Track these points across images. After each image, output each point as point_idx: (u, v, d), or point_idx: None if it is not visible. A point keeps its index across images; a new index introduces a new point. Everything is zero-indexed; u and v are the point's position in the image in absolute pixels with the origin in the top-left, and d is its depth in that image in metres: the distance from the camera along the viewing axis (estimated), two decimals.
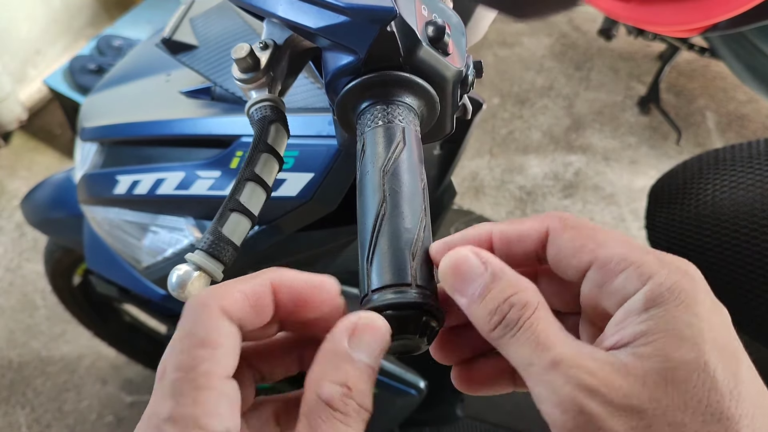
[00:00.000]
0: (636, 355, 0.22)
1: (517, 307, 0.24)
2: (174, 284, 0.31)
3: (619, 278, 0.24)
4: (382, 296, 0.27)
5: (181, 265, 0.32)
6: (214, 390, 0.23)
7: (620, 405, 0.21)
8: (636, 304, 0.23)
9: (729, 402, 0.21)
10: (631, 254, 0.24)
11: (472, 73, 0.38)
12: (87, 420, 1.45)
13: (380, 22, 0.32)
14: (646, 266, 0.23)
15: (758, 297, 0.70)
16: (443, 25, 0.34)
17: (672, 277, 0.23)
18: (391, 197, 0.30)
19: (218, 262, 0.33)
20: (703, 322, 0.22)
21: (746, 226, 0.71)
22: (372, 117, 0.33)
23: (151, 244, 0.72)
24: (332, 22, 0.34)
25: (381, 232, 0.29)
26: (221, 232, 0.34)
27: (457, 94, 0.37)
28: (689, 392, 0.21)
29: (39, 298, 1.64)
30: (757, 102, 2.06)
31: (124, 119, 0.73)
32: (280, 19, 0.37)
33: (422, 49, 0.34)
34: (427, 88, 0.35)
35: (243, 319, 0.25)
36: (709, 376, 0.21)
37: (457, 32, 0.37)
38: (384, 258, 0.28)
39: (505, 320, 0.24)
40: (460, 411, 0.97)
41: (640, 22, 1.54)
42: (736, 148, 0.80)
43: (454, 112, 0.39)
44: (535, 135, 2.02)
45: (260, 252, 0.68)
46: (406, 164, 0.31)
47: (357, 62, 0.34)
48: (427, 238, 0.29)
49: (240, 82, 0.39)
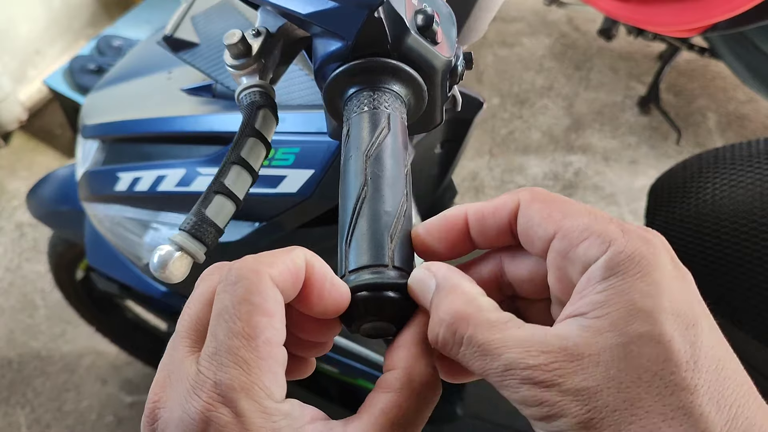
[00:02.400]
0: (591, 330, 0.22)
1: (447, 322, 0.24)
2: (155, 264, 0.31)
3: (582, 246, 0.24)
4: (358, 276, 0.27)
5: (163, 245, 0.32)
6: (276, 359, 0.24)
7: (576, 390, 0.21)
8: (596, 272, 0.23)
9: (685, 373, 0.21)
10: (594, 223, 0.24)
11: (462, 63, 0.38)
12: (87, 420, 1.45)
13: (368, 8, 0.33)
14: (607, 234, 0.23)
15: (758, 295, 0.70)
16: (432, 14, 0.35)
17: (632, 245, 0.23)
18: (372, 181, 0.30)
19: (201, 243, 0.33)
20: (661, 290, 0.22)
21: (746, 224, 0.71)
22: (358, 102, 0.34)
23: (152, 241, 0.72)
24: (321, 7, 0.34)
25: (361, 214, 0.29)
26: (205, 214, 0.34)
27: (446, 84, 0.37)
28: (643, 366, 0.21)
29: (39, 298, 1.64)
30: (757, 102, 2.07)
31: (126, 116, 0.73)
32: (272, 5, 0.37)
33: (410, 36, 0.34)
34: (414, 76, 0.35)
35: (285, 291, 0.25)
36: (664, 348, 0.21)
37: (447, 22, 0.38)
38: (362, 239, 0.28)
39: (442, 339, 0.25)
40: (460, 410, 0.97)
41: (640, 22, 1.55)
42: (735, 148, 0.80)
43: (443, 103, 0.39)
44: (535, 135, 2.02)
45: (260, 248, 0.68)
46: (389, 150, 0.31)
47: (345, 48, 0.34)
48: (407, 222, 0.29)
49: (231, 68, 0.40)
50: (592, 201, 1.84)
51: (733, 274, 0.72)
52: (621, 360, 0.21)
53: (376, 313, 0.27)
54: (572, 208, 0.25)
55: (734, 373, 0.22)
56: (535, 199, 0.26)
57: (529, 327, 0.23)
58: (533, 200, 0.26)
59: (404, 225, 0.29)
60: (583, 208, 0.25)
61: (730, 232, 0.73)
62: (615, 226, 0.24)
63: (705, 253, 0.74)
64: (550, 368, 0.22)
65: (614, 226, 0.24)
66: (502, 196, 0.27)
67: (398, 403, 0.25)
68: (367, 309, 0.27)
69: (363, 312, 0.27)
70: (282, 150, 0.59)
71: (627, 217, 1.80)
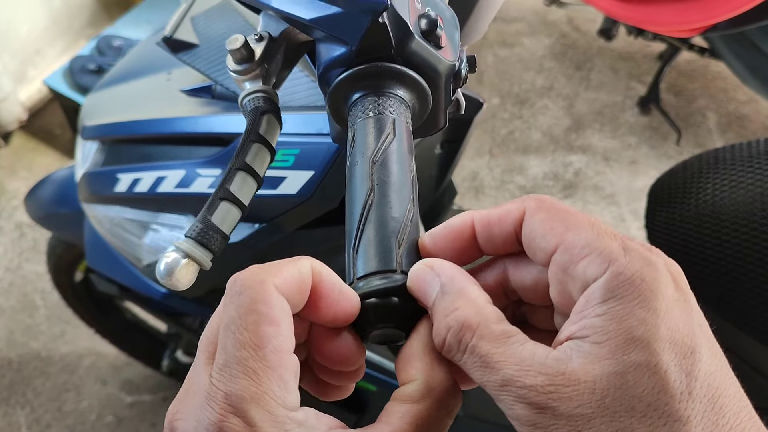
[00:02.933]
0: (590, 357, 0.22)
1: (455, 329, 0.24)
2: (162, 271, 0.31)
3: (582, 263, 0.23)
4: (367, 283, 0.27)
5: (169, 252, 0.32)
6: (286, 367, 0.24)
7: (570, 415, 0.21)
8: (595, 293, 0.23)
9: (679, 404, 0.21)
10: (595, 239, 0.24)
11: (465, 67, 0.38)
12: (87, 420, 1.45)
13: (372, 13, 0.33)
14: (608, 252, 0.23)
15: (758, 296, 0.70)
16: (436, 19, 0.34)
17: (633, 266, 0.23)
18: (379, 186, 0.30)
19: (207, 250, 0.33)
20: (660, 318, 0.22)
21: (746, 225, 0.71)
22: (363, 108, 0.34)
23: (151, 242, 0.72)
24: (325, 13, 0.34)
25: (368, 220, 0.29)
26: (210, 221, 0.34)
27: (449, 88, 0.37)
28: (637, 396, 0.21)
29: (39, 298, 1.64)
30: (757, 102, 2.07)
31: (125, 117, 0.73)
32: (275, 10, 0.37)
33: (414, 41, 0.34)
34: (418, 81, 0.35)
35: (291, 299, 0.25)
36: (660, 378, 0.21)
37: (451, 26, 0.37)
38: (370, 246, 0.28)
39: (446, 345, 0.25)
40: (460, 410, 0.97)
41: (640, 22, 1.55)
42: (735, 148, 0.79)
43: (447, 107, 0.39)
44: (535, 135, 2.02)
45: (261, 250, 0.68)
46: (395, 155, 0.31)
47: (349, 53, 0.34)
48: (414, 227, 0.29)
49: (234, 73, 0.39)
50: (592, 201, 1.84)
51: (733, 274, 0.72)
52: (617, 389, 0.21)
53: (385, 320, 0.27)
54: (576, 220, 0.25)
55: (732, 401, 0.22)
56: (541, 208, 0.26)
57: (531, 345, 0.23)
58: (538, 209, 0.26)
59: (412, 230, 0.29)
60: (586, 221, 0.24)
61: (730, 232, 0.72)
62: (617, 244, 0.23)
63: (705, 254, 0.74)
64: (546, 390, 0.22)
65: (616, 243, 0.23)
66: (509, 204, 0.27)
67: (421, 414, 0.24)
68: (377, 316, 0.27)
69: (373, 319, 0.27)
70: (282, 151, 0.59)
71: (627, 217, 1.80)
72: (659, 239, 0.83)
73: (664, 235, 0.82)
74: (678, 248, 0.78)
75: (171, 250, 0.32)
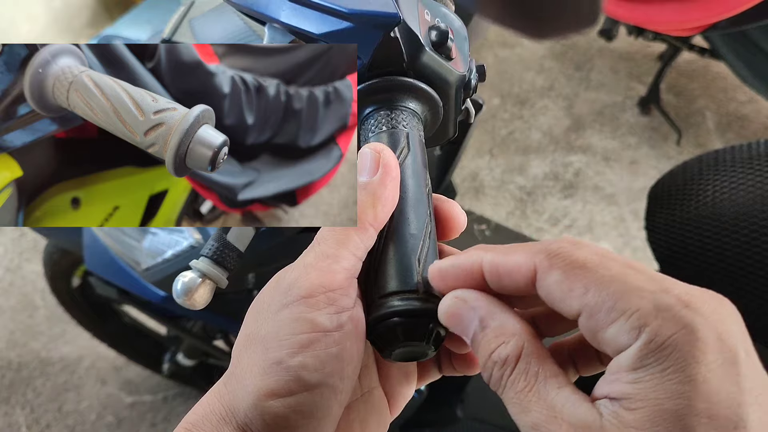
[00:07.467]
0: (620, 421, 0.21)
1: (498, 365, 0.24)
2: (179, 291, 0.31)
3: (610, 330, 0.22)
4: (389, 302, 0.27)
5: (186, 272, 0.32)
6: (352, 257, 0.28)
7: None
8: (626, 362, 0.21)
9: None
10: (621, 300, 0.22)
11: (475, 77, 0.38)
12: (87, 420, 1.45)
13: (384, 28, 0.32)
14: (636, 317, 0.21)
15: (759, 298, 0.70)
16: (446, 30, 0.34)
17: (665, 331, 0.21)
18: (396, 203, 0.30)
19: (223, 268, 0.33)
20: (697, 389, 0.20)
21: (746, 227, 0.71)
22: (376, 122, 0.33)
23: (150, 245, 0.71)
24: (336, 27, 0.34)
25: (387, 238, 0.29)
26: (226, 239, 0.34)
27: (460, 98, 0.37)
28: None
29: (39, 299, 1.64)
30: (757, 102, 2.06)
31: None
32: (283, 24, 0.36)
33: (426, 54, 0.33)
34: (431, 93, 0.34)
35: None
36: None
37: (460, 37, 0.37)
38: (390, 264, 0.28)
39: (492, 378, 0.25)
40: (461, 412, 0.97)
41: (641, 21, 1.54)
42: (736, 149, 0.79)
43: (458, 116, 0.39)
44: (535, 135, 2.01)
45: (262, 253, 0.68)
46: (410, 170, 0.31)
47: (361, 68, 0.34)
48: (433, 244, 0.29)
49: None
50: (592, 201, 1.84)
51: (733, 276, 0.72)
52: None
53: (409, 339, 0.27)
54: (596, 277, 0.22)
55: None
56: (553, 266, 0.23)
57: (568, 392, 0.22)
58: (550, 268, 0.24)
59: (431, 247, 0.29)
60: (608, 276, 0.22)
61: (730, 234, 0.72)
62: (647, 303, 0.21)
63: (705, 256, 0.74)
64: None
65: (646, 302, 0.21)
66: (515, 254, 0.25)
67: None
68: (400, 335, 0.27)
69: (395, 338, 0.27)
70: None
71: (627, 218, 1.80)
72: (659, 240, 0.83)
73: (664, 236, 0.82)
74: (678, 249, 0.78)
75: (188, 270, 0.32)
